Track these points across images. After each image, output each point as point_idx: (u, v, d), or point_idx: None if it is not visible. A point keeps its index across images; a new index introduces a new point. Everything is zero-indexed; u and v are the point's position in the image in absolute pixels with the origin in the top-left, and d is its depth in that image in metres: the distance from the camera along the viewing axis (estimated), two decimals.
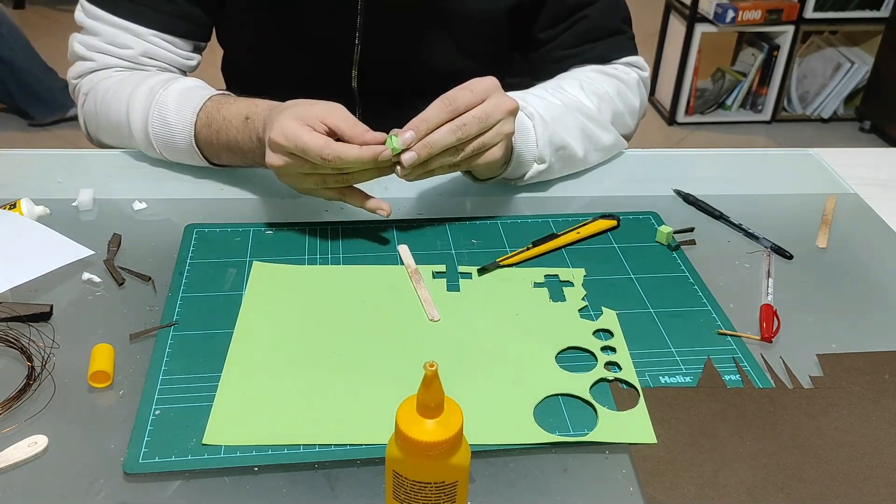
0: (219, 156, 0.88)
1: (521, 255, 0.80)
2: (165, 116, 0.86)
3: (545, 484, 0.57)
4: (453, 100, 0.76)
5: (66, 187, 0.90)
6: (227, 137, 0.84)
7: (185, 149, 0.87)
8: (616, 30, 1.02)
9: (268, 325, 0.70)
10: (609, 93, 0.97)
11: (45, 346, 0.67)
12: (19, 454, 0.57)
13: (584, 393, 0.64)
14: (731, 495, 0.56)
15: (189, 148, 0.87)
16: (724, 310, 0.75)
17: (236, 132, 0.83)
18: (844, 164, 1.02)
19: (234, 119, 0.83)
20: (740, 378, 0.67)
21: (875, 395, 0.66)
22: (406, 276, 0.77)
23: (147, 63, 0.94)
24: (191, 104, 0.86)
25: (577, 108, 0.92)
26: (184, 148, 0.87)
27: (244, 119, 0.83)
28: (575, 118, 0.91)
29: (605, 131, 0.95)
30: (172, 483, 0.56)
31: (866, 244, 0.87)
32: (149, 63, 0.94)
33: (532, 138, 0.86)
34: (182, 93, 0.87)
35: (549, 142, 0.88)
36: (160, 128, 0.87)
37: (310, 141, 0.73)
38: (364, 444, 0.59)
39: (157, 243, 0.81)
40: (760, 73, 3.13)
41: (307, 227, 0.84)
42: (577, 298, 0.75)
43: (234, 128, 0.83)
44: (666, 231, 0.84)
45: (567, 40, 1.01)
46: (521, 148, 0.86)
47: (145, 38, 0.92)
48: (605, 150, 0.97)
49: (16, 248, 0.77)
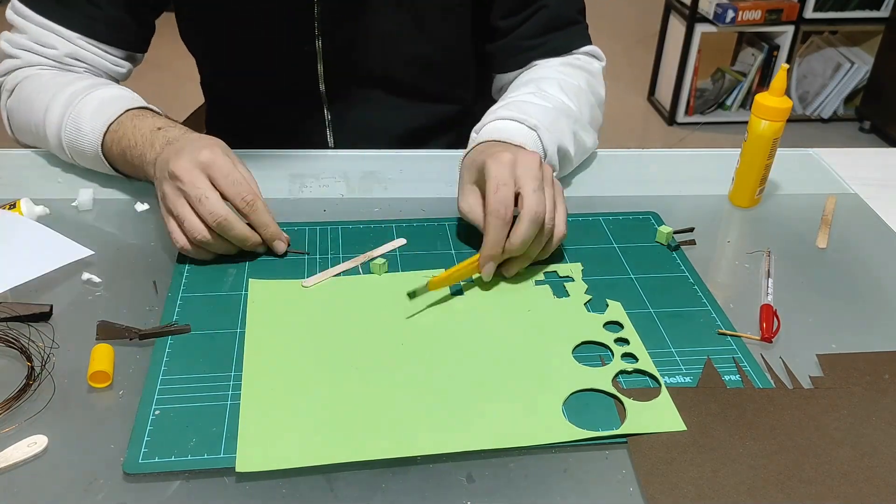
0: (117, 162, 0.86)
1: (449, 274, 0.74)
2: (79, 123, 0.85)
3: (545, 484, 0.57)
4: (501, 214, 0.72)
5: (66, 187, 0.90)
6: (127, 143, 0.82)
7: (94, 157, 0.86)
8: (574, 20, 1.02)
9: (278, 345, 0.68)
10: (582, 87, 0.97)
11: (45, 346, 0.67)
12: (19, 454, 0.57)
13: (608, 386, 0.65)
14: (731, 495, 0.56)
15: (97, 157, 0.85)
16: (723, 310, 0.75)
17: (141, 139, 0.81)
18: (844, 164, 1.02)
19: (145, 128, 0.82)
20: (740, 378, 0.67)
21: (875, 396, 0.66)
22: (409, 280, 0.77)
23: (72, 64, 0.93)
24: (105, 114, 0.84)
25: (565, 112, 0.91)
26: (92, 156, 0.86)
27: (156, 129, 0.81)
28: (566, 121, 0.91)
29: (587, 133, 0.95)
30: (172, 483, 0.56)
31: (866, 244, 0.87)
32: (74, 64, 0.93)
33: (540, 150, 0.85)
34: (101, 104, 0.86)
35: (557, 148, 0.88)
36: (73, 136, 0.86)
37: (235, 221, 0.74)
38: (399, 456, 0.58)
39: (156, 243, 0.81)
40: (760, 73, 3.13)
41: (307, 226, 0.84)
42: (581, 293, 0.76)
43: (141, 135, 0.82)
44: (666, 231, 0.84)
45: (528, 30, 1.00)
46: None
47: (71, 41, 0.91)
48: (586, 152, 0.97)
49: (15, 248, 0.77)
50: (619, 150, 1.05)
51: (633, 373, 0.67)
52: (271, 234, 0.77)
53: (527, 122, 0.85)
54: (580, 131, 0.93)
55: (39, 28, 0.91)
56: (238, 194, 0.74)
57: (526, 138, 0.83)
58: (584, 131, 0.94)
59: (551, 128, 0.87)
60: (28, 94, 0.91)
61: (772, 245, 0.84)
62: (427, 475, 0.57)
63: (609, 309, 0.74)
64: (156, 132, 0.81)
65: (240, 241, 0.76)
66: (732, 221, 0.90)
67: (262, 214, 0.76)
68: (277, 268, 0.78)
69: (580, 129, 0.93)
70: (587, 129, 0.95)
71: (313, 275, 0.77)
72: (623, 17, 4.05)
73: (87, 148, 0.85)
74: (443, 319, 0.72)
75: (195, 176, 0.73)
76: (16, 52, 0.93)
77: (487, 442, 0.59)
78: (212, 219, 0.73)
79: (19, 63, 0.93)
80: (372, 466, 0.58)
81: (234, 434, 0.59)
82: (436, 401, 0.63)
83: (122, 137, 0.83)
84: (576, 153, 0.93)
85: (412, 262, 0.79)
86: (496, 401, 0.63)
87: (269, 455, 0.57)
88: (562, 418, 0.62)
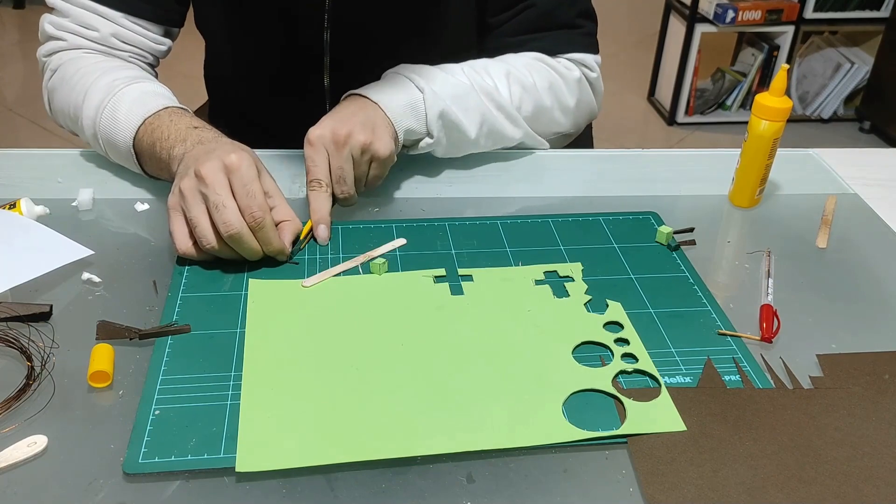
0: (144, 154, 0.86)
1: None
2: (116, 111, 0.85)
3: (545, 484, 0.57)
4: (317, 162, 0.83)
5: (66, 187, 0.90)
6: (159, 135, 0.83)
7: (123, 144, 0.86)
8: (567, 23, 1.00)
9: (278, 345, 0.68)
10: (537, 85, 0.96)
11: (45, 345, 0.67)
12: (19, 454, 0.57)
13: (608, 387, 0.65)
14: (731, 495, 0.56)
15: (126, 143, 0.85)
16: (723, 310, 0.75)
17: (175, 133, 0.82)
18: (844, 165, 1.02)
19: (182, 125, 0.83)
20: (740, 378, 0.67)
21: (875, 396, 0.66)
22: (409, 279, 0.77)
23: (116, 45, 0.94)
24: (147, 105, 0.85)
25: (487, 94, 0.91)
26: (122, 142, 0.86)
27: (192, 127, 0.82)
28: (478, 101, 0.91)
29: (511, 123, 0.94)
30: (172, 483, 0.56)
31: (866, 244, 0.87)
32: (118, 45, 0.94)
33: (421, 112, 0.87)
34: (144, 94, 0.86)
35: (439, 116, 0.88)
36: (108, 119, 0.86)
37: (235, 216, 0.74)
38: (399, 457, 0.58)
39: (157, 242, 0.81)
40: (760, 74, 3.13)
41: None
42: (581, 293, 0.76)
43: (176, 130, 0.82)
44: (666, 231, 0.84)
45: (512, 27, 0.99)
46: (412, 123, 0.87)
47: (114, 21, 0.93)
48: (504, 140, 0.96)
49: (15, 247, 0.77)
50: (618, 150, 1.05)
51: (633, 373, 0.67)
52: (274, 250, 0.77)
53: (417, 82, 0.88)
54: (501, 119, 0.93)
55: (82, 10, 0.92)
56: (249, 208, 0.73)
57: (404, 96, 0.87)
58: (507, 120, 0.94)
59: (449, 98, 0.88)
60: (70, 76, 0.91)
61: (772, 245, 0.84)
62: (427, 475, 0.57)
63: (609, 309, 0.74)
64: (191, 130, 0.82)
65: (245, 253, 0.76)
66: (732, 221, 0.90)
67: (269, 232, 0.75)
68: (277, 268, 0.78)
69: (503, 116, 0.93)
70: (515, 120, 0.94)
71: (313, 275, 0.77)
72: (623, 17, 4.05)
73: (119, 136, 0.85)
74: (442, 319, 0.72)
75: (219, 180, 0.73)
76: (60, 34, 0.94)
77: (487, 442, 0.59)
78: (224, 229, 0.73)
79: (64, 45, 0.94)
80: (372, 466, 0.58)
81: (234, 434, 0.59)
82: (435, 401, 0.63)
83: (157, 129, 0.83)
84: (481, 136, 0.93)
85: (412, 262, 0.79)
86: (496, 401, 0.63)
87: (268, 455, 0.57)
88: (562, 419, 0.62)
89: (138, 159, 0.86)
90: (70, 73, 0.92)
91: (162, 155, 0.82)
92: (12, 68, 3.33)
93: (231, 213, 0.73)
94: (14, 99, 3.06)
